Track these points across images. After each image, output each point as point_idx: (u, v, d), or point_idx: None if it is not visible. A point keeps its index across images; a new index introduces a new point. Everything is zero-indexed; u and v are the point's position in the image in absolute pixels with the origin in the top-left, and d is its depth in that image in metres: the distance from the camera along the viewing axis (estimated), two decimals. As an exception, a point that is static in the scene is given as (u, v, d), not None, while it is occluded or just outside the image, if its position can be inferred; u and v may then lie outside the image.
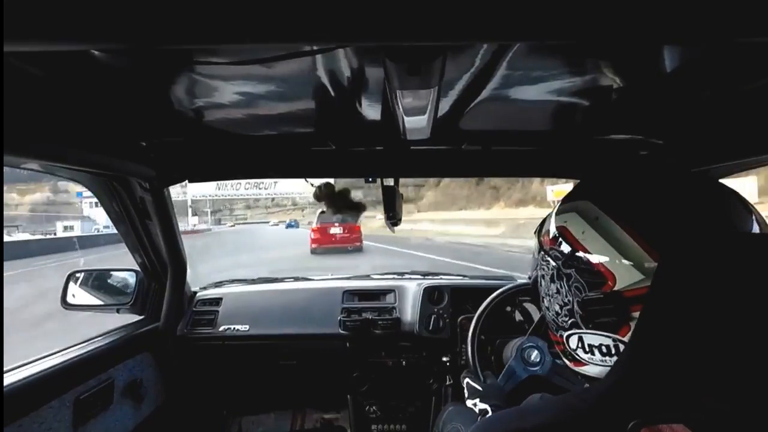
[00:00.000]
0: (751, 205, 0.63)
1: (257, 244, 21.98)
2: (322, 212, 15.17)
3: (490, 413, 1.13)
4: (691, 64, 0.79)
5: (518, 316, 1.66)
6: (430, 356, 1.85)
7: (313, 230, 16.20)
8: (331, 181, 1.70)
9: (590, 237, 0.65)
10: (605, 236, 0.64)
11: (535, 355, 1.19)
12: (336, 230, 15.72)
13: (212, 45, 0.51)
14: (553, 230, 0.73)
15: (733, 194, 0.63)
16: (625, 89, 0.94)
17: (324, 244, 15.63)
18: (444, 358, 1.78)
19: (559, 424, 0.58)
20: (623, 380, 0.57)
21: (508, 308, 1.63)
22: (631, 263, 0.61)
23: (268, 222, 66.35)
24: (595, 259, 0.64)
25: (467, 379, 1.27)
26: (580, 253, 0.66)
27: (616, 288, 0.62)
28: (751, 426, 0.50)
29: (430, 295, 1.95)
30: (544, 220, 0.79)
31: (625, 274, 0.61)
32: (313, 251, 15.60)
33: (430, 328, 1.86)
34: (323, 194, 1.65)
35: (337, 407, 2.10)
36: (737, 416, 0.50)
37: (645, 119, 1.15)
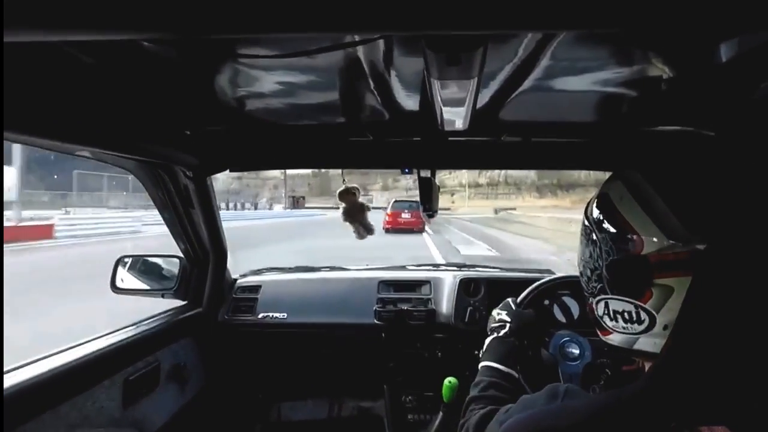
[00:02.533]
0: None
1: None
2: (396, 201, 21.45)
3: (506, 329, 1.20)
4: (747, 54, 0.75)
5: (557, 310, 1.62)
6: (466, 349, 1.83)
7: (387, 214, 20.22)
8: (354, 189, 1.70)
9: (627, 203, 0.68)
10: (642, 205, 0.66)
11: (573, 350, 1.18)
12: (406, 216, 19.88)
13: (254, 35, 0.52)
14: (595, 199, 0.76)
15: None
16: (675, 79, 0.89)
17: (395, 226, 19.65)
18: (478, 352, 1.76)
19: (592, 424, 0.57)
20: (662, 378, 0.55)
21: (547, 302, 1.59)
22: (660, 230, 0.62)
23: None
24: (627, 224, 0.66)
25: (509, 299, 1.31)
26: (614, 217, 0.69)
27: (643, 252, 0.64)
28: None
29: (466, 287, 1.94)
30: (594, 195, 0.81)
31: (652, 240, 0.63)
32: (387, 231, 19.16)
33: (466, 320, 1.84)
34: (347, 198, 1.66)
35: (374, 396, 2.12)
36: None
37: (696, 111, 1.09)
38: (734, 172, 0.65)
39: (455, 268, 2.24)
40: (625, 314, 0.67)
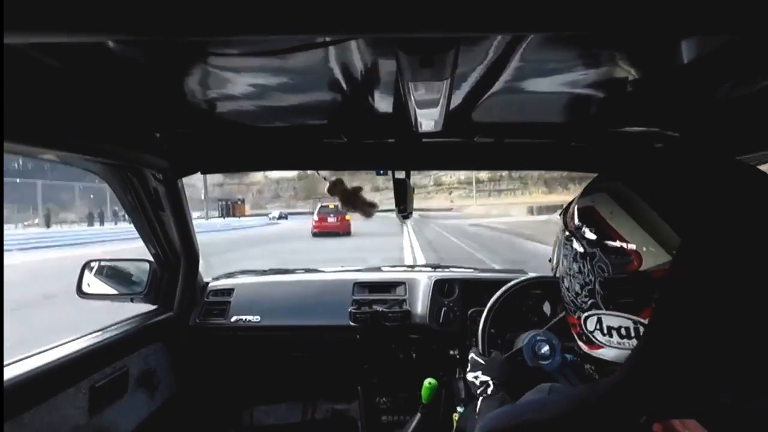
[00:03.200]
0: None
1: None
2: (322, 206, 20.93)
3: (491, 386, 1.14)
4: (709, 56, 0.78)
5: (529, 311, 1.65)
6: (440, 349, 1.85)
7: (314, 220, 21.27)
8: (343, 177, 1.68)
9: (619, 217, 0.64)
10: (635, 217, 0.63)
11: (546, 349, 1.18)
12: (331, 219, 20.81)
13: (225, 37, 0.51)
14: (579, 210, 0.72)
15: None
16: (640, 81, 0.92)
17: (322, 230, 20.62)
18: (453, 351, 1.78)
19: (570, 417, 0.58)
20: (637, 373, 0.56)
21: (519, 302, 1.62)
22: (661, 245, 0.59)
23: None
24: (622, 239, 0.63)
25: (472, 353, 1.28)
26: (607, 233, 0.65)
27: (642, 268, 0.61)
28: None
29: (441, 287, 1.95)
30: (570, 203, 0.79)
31: (652, 256, 0.60)
32: (314, 234, 20.52)
33: (441, 321, 1.86)
34: (337, 190, 1.64)
35: (348, 398, 2.11)
36: (758, 416, 0.49)
37: (661, 111, 1.13)
38: (707, 173, 0.66)
39: (430, 269, 2.25)
40: (622, 330, 0.65)
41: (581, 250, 0.69)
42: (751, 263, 0.51)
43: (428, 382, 1.59)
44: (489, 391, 1.15)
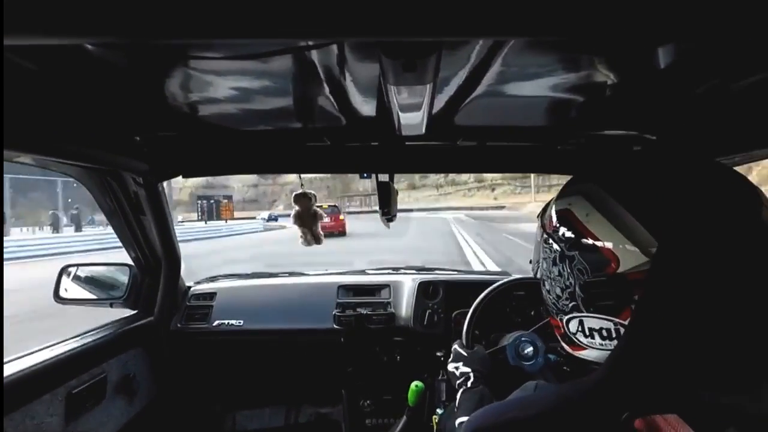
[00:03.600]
0: (762, 193, 0.61)
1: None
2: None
3: (471, 378, 1.15)
4: (685, 60, 0.79)
5: (513, 312, 1.66)
6: (425, 351, 1.85)
7: None
8: (311, 194, 1.68)
9: (595, 219, 0.65)
10: (610, 219, 0.64)
11: (529, 350, 1.19)
12: (326, 220, 18.16)
13: (206, 40, 0.51)
14: (556, 213, 0.73)
15: (745, 181, 0.62)
16: (619, 85, 0.94)
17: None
18: (438, 353, 1.79)
19: (554, 415, 0.59)
20: (618, 371, 0.57)
21: (503, 303, 1.63)
22: (636, 246, 0.60)
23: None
24: (599, 241, 0.64)
25: (455, 345, 1.28)
26: (584, 235, 0.66)
27: (619, 270, 0.62)
28: (751, 422, 0.50)
29: (425, 290, 1.96)
30: (547, 204, 0.80)
31: (629, 257, 0.61)
32: None
33: (425, 323, 1.86)
34: (300, 204, 1.65)
35: (332, 402, 2.10)
36: (735, 411, 0.50)
37: (639, 115, 1.15)
38: (679, 175, 0.68)
39: (414, 272, 2.25)
40: (603, 331, 0.66)
41: (560, 252, 0.70)
42: (725, 263, 0.52)
43: (415, 384, 1.59)
44: (469, 383, 1.15)
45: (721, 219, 0.56)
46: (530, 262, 0.86)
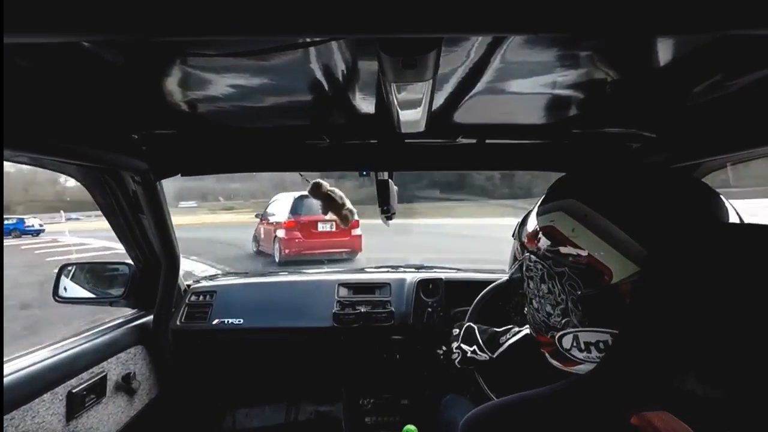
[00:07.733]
0: (727, 200, 0.64)
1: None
2: (301, 197, 9.45)
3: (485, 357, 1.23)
4: (686, 57, 0.79)
5: (512, 310, 1.66)
6: (424, 349, 1.85)
7: (285, 224, 9.67)
8: (322, 182, 1.68)
9: (581, 234, 0.65)
10: (597, 232, 0.63)
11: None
12: (324, 226, 9.52)
13: (205, 37, 0.50)
14: (538, 230, 0.72)
15: (711, 190, 0.64)
16: (619, 82, 0.94)
17: (303, 251, 9.45)
18: (438, 351, 1.79)
19: (549, 411, 0.59)
20: (610, 370, 0.58)
21: (503, 302, 1.63)
22: (627, 256, 0.60)
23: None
24: (589, 255, 0.64)
25: (470, 323, 1.35)
26: (573, 251, 0.66)
27: (613, 281, 0.61)
28: (740, 415, 0.50)
29: (425, 288, 1.96)
30: (522, 222, 0.79)
31: (621, 268, 0.61)
32: (281, 262, 9.54)
33: (424, 321, 1.86)
34: (319, 194, 1.64)
35: (332, 400, 2.11)
36: (726, 405, 0.50)
37: (638, 113, 1.15)
38: (664, 177, 0.68)
39: (413, 270, 2.25)
40: (600, 344, 0.65)
41: (548, 270, 0.70)
42: (710, 267, 0.53)
43: (407, 429, 1.63)
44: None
45: (700, 225, 0.58)
46: (506, 272, 0.87)
